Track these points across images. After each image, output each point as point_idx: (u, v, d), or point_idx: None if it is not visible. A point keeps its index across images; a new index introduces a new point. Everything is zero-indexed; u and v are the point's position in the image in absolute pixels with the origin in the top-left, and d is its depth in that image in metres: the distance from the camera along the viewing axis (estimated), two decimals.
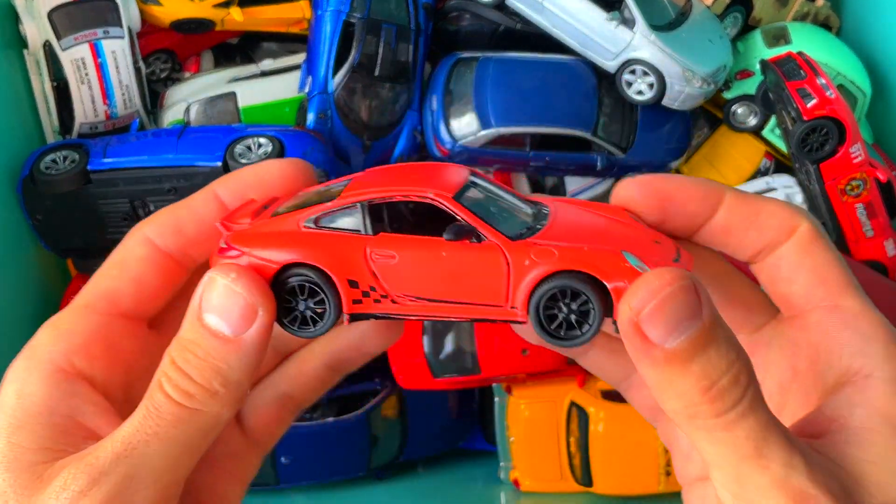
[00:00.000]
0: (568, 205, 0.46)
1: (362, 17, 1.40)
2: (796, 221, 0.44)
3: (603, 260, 0.40)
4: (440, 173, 0.45)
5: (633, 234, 0.43)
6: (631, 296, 0.37)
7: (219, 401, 0.41)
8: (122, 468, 0.39)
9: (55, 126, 1.40)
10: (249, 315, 0.41)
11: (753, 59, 1.48)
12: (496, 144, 1.44)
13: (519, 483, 1.38)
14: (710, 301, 0.37)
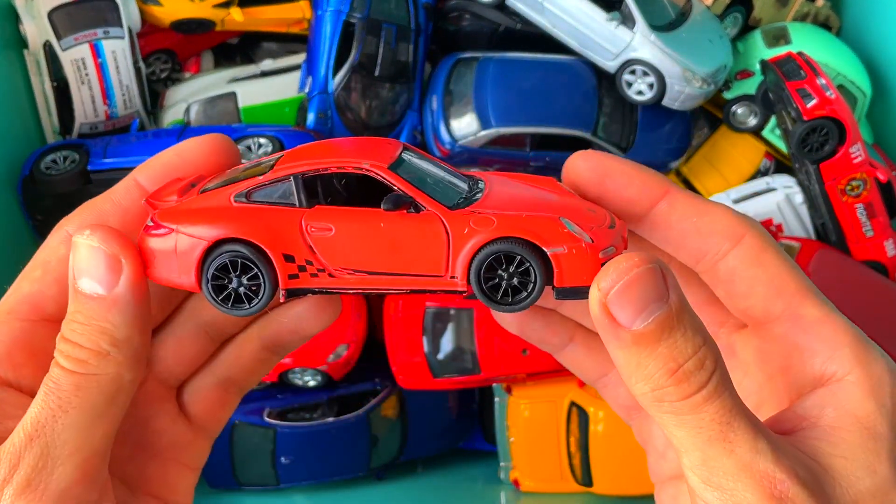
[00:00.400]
0: (501, 177, 0.46)
1: (362, 17, 1.40)
2: (742, 230, 0.43)
3: (541, 226, 0.40)
4: (373, 146, 0.44)
5: (568, 202, 0.43)
6: (600, 278, 0.38)
7: (112, 361, 0.40)
8: (35, 449, 0.39)
9: (55, 126, 1.40)
10: (114, 267, 0.40)
11: (753, 59, 1.48)
12: (496, 144, 1.44)
13: (519, 483, 1.38)
14: (678, 285, 0.38)
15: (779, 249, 0.44)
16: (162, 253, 0.42)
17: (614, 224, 0.42)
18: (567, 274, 0.40)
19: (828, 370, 0.41)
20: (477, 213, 0.41)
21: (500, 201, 0.42)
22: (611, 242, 0.41)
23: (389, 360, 1.39)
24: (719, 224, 0.43)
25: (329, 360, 1.38)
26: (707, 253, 0.44)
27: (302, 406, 1.41)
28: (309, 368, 1.38)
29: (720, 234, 0.43)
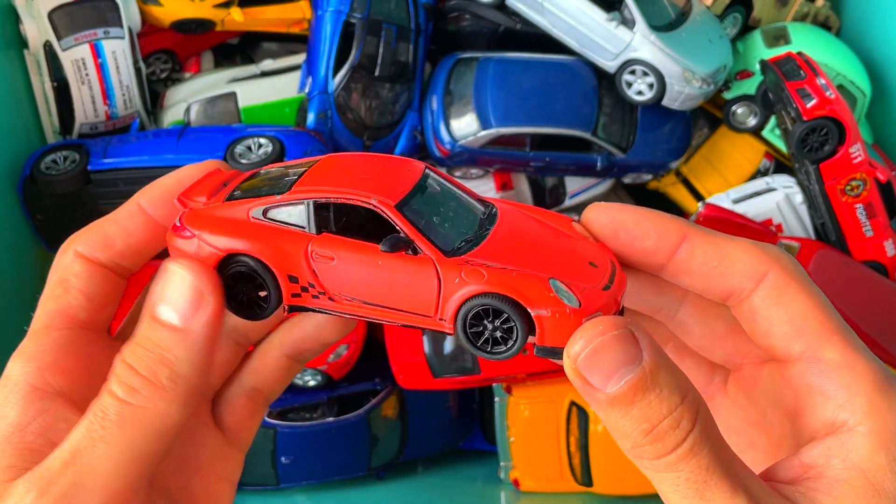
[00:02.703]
0: (516, 213, 0.46)
1: (362, 18, 1.40)
2: (763, 267, 0.42)
3: (529, 286, 0.41)
4: (394, 172, 0.45)
5: (571, 253, 0.43)
6: (570, 344, 0.39)
7: (165, 396, 0.40)
8: (68, 476, 0.39)
9: (55, 126, 1.40)
10: (197, 301, 0.41)
11: (753, 59, 1.49)
12: (496, 144, 1.44)
13: (519, 483, 1.38)
14: (653, 346, 0.38)
15: (805, 286, 0.42)
16: (185, 254, 0.44)
17: (610, 284, 0.43)
18: (548, 335, 0.41)
19: (839, 417, 0.40)
20: (470, 263, 0.42)
21: (499, 249, 0.43)
22: (599, 307, 0.41)
23: (389, 359, 1.39)
24: (741, 264, 0.42)
25: (329, 360, 1.38)
26: (732, 293, 0.43)
27: (302, 406, 1.41)
28: (309, 368, 1.38)
29: (742, 274, 0.42)
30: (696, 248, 0.43)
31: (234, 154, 1.28)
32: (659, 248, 0.43)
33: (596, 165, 1.47)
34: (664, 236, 0.43)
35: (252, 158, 1.28)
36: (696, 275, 0.43)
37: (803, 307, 0.42)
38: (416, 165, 0.46)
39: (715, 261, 0.43)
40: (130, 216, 0.48)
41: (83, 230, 0.48)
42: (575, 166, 1.49)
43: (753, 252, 0.43)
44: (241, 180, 0.47)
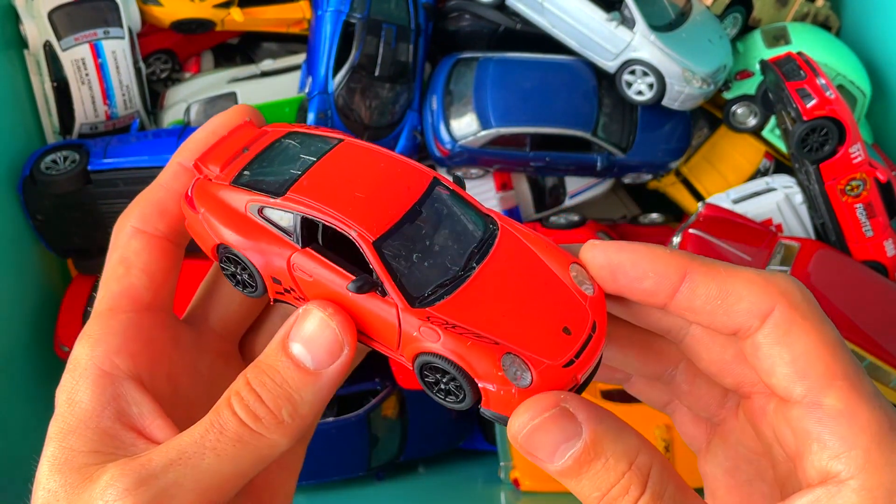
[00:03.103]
0: (514, 241, 0.45)
1: (362, 17, 1.40)
2: (769, 303, 0.41)
3: (480, 360, 0.40)
4: (394, 188, 0.44)
5: (546, 315, 0.42)
6: (510, 423, 0.39)
7: (282, 431, 0.41)
8: (171, 475, 0.40)
9: (55, 126, 1.40)
10: (336, 351, 0.42)
11: (753, 59, 1.49)
12: (496, 144, 1.44)
13: (519, 483, 1.38)
14: (594, 417, 0.38)
15: (813, 323, 0.41)
16: (193, 221, 0.47)
17: (576, 359, 0.42)
18: (493, 403, 0.41)
19: (833, 468, 0.38)
20: (430, 319, 0.41)
21: (469, 303, 0.42)
22: (553, 386, 0.41)
23: (389, 359, 1.38)
24: (745, 302, 0.41)
25: None
26: (738, 330, 0.42)
27: None
28: None
29: (747, 312, 0.41)
30: (698, 286, 0.42)
31: None
32: (659, 289, 0.42)
33: (596, 165, 1.47)
34: (663, 276, 0.42)
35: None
36: (700, 313, 0.42)
37: (808, 347, 0.40)
38: (422, 178, 0.45)
39: (718, 299, 0.41)
40: (175, 177, 0.48)
41: (133, 204, 0.49)
42: (575, 166, 1.49)
43: (758, 287, 0.41)
44: (259, 150, 0.47)
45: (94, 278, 1.40)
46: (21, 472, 1.27)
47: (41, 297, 1.39)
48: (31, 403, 1.31)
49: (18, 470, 1.20)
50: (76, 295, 1.38)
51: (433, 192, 0.45)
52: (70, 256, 1.41)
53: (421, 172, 0.46)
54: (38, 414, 1.32)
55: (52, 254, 1.40)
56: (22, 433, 1.26)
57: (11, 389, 1.26)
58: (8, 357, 1.26)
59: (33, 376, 1.33)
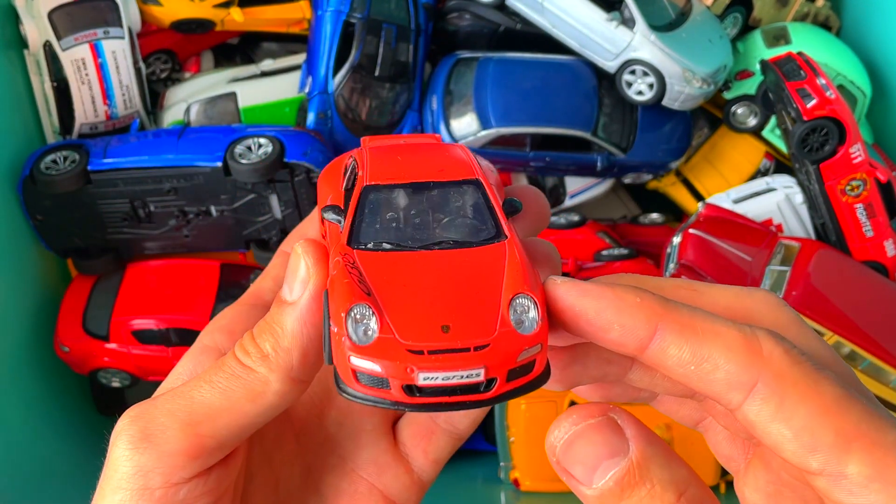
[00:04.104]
0: (499, 257, 0.41)
1: (362, 17, 1.40)
2: (752, 374, 0.35)
3: (338, 297, 0.38)
4: (432, 166, 0.44)
5: (442, 313, 0.38)
6: (553, 427, 0.35)
7: (267, 364, 0.42)
8: (167, 404, 0.42)
9: (55, 126, 1.40)
10: (307, 278, 0.42)
11: (753, 59, 1.49)
12: (496, 144, 1.44)
13: (519, 483, 1.38)
14: (642, 435, 0.34)
15: (808, 385, 0.34)
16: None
17: (422, 353, 0.37)
18: (333, 348, 0.39)
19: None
20: (344, 257, 0.41)
21: (386, 268, 0.41)
22: (382, 358, 0.37)
23: None
24: (721, 372, 0.35)
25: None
26: (720, 402, 0.36)
27: None
28: None
29: (726, 384, 0.35)
30: (670, 346, 0.36)
31: (234, 154, 1.28)
32: (625, 342, 0.37)
33: (596, 165, 1.47)
34: (630, 331, 0.37)
35: (252, 158, 1.27)
36: (673, 374, 0.37)
37: (810, 415, 0.34)
38: (462, 172, 0.44)
39: (691, 364, 0.36)
40: (312, 222, 0.54)
41: (290, 234, 0.57)
42: (575, 166, 1.49)
43: (736, 353, 0.35)
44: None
45: (93, 278, 1.40)
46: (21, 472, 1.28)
47: (41, 297, 1.39)
48: (31, 403, 1.31)
49: (19, 469, 1.20)
50: (76, 295, 1.38)
51: (460, 186, 0.44)
52: (70, 256, 1.41)
53: (467, 169, 0.45)
54: (38, 414, 1.32)
55: (52, 254, 1.40)
56: (22, 433, 1.26)
57: (11, 389, 1.26)
58: (8, 357, 1.26)
59: (33, 376, 1.33)
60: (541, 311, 0.38)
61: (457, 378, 0.37)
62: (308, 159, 1.28)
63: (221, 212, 1.34)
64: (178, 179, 1.29)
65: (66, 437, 1.36)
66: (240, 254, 1.45)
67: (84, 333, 1.34)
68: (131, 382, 1.40)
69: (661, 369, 0.37)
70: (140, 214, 1.33)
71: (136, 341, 1.33)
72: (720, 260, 1.31)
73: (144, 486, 0.41)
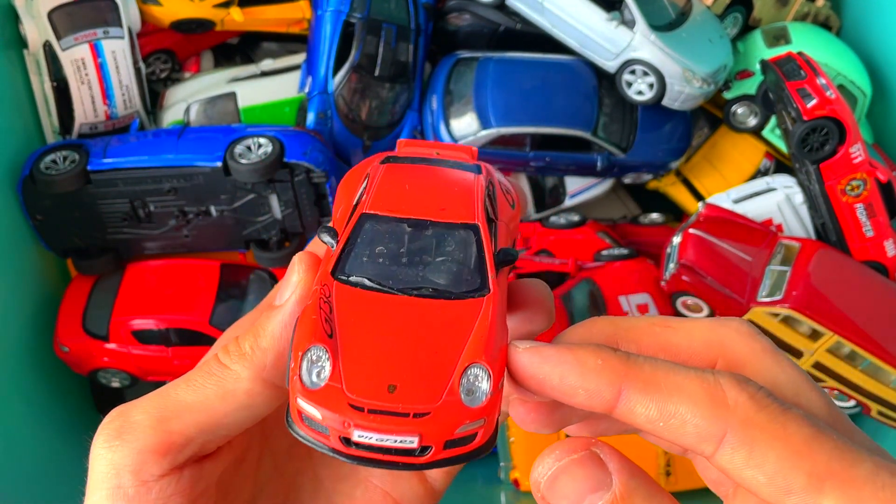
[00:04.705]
0: (471, 316, 0.40)
1: (362, 17, 1.40)
2: (718, 428, 0.35)
3: (299, 333, 0.39)
4: (435, 203, 0.43)
5: (393, 370, 0.38)
6: (537, 463, 0.36)
7: (244, 361, 0.42)
8: (145, 402, 0.42)
9: (55, 126, 1.40)
10: (294, 286, 0.43)
11: (753, 59, 1.48)
12: (496, 144, 1.44)
13: (519, 483, 1.38)
14: (626, 468, 0.35)
15: (777, 429, 0.35)
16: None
17: (363, 409, 0.38)
18: (289, 382, 0.39)
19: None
20: (322, 288, 0.41)
21: (360, 306, 0.41)
22: (325, 406, 0.38)
23: None
24: (689, 427, 0.36)
25: None
26: (693, 451, 0.37)
27: None
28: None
29: (695, 437, 0.36)
30: (636, 405, 0.37)
31: (234, 154, 1.28)
32: (592, 405, 0.37)
33: (596, 165, 1.47)
34: (595, 394, 0.37)
35: (252, 158, 1.27)
36: (645, 429, 0.38)
37: (781, 459, 0.35)
38: (463, 215, 0.43)
39: (660, 421, 0.36)
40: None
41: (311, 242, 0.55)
42: (575, 166, 1.49)
43: (702, 408, 0.36)
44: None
45: (93, 278, 1.40)
46: (21, 472, 1.28)
47: (41, 297, 1.39)
48: (31, 403, 1.31)
49: (19, 469, 1.20)
50: (76, 295, 1.38)
51: (458, 230, 0.43)
52: (70, 256, 1.41)
53: (469, 210, 0.43)
54: (38, 413, 1.32)
55: (52, 254, 1.40)
56: (22, 433, 1.26)
57: (11, 389, 1.26)
58: (8, 357, 1.26)
59: (33, 376, 1.33)
60: (493, 384, 0.37)
61: (390, 441, 0.37)
62: (308, 159, 1.28)
63: (221, 212, 1.34)
64: (178, 179, 1.29)
65: (66, 437, 1.36)
66: (240, 254, 1.45)
67: (84, 333, 1.34)
68: (131, 382, 1.39)
69: (633, 426, 0.38)
70: (140, 214, 1.33)
71: (136, 341, 1.33)
72: (720, 260, 1.31)
73: (118, 485, 0.41)
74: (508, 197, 0.48)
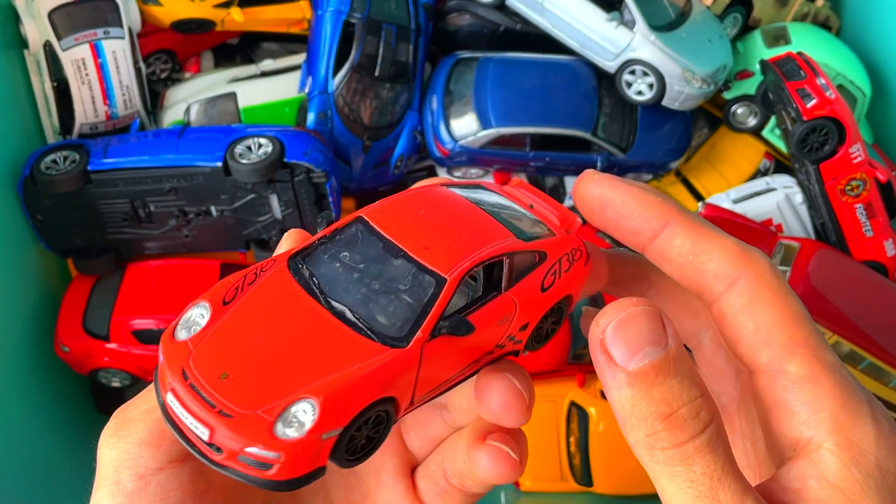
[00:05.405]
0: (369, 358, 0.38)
1: (362, 18, 1.40)
2: (737, 271, 0.41)
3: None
4: (430, 236, 0.42)
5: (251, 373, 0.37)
6: (601, 315, 0.38)
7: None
8: (139, 396, 0.43)
9: (55, 126, 1.40)
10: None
11: (753, 59, 1.49)
12: (496, 144, 1.44)
13: (519, 483, 1.38)
14: (678, 336, 0.38)
15: (778, 294, 0.41)
16: None
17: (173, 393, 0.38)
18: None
19: (804, 434, 0.39)
20: (261, 270, 0.42)
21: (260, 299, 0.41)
22: (167, 360, 0.38)
23: None
24: (714, 264, 0.42)
25: None
26: (704, 292, 0.42)
27: None
28: None
29: (714, 274, 0.42)
30: (676, 236, 0.43)
31: (234, 154, 1.28)
32: (641, 230, 0.43)
33: (596, 165, 1.47)
34: (647, 219, 0.43)
35: (252, 158, 1.27)
36: (673, 264, 0.43)
37: (772, 316, 0.40)
38: (441, 262, 0.40)
39: (690, 254, 0.42)
40: None
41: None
42: (575, 166, 1.49)
43: (730, 254, 0.41)
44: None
45: (93, 278, 1.40)
46: (21, 472, 1.27)
47: (41, 297, 1.39)
48: (31, 403, 1.31)
49: (19, 469, 1.20)
50: (76, 295, 1.38)
51: (423, 274, 0.40)
52: (70, 256, 1.41)
53: (451, 261, 0.41)
54: (38, 414, 1.32)
55: (52, 254, 1.40)
56: (22, 433, 1.26)
57: (11, 389, 1.26)
58: (8, 357, 1.26)
59: (33, 376, 1.33)
60: (314, 427, 0.35)
61: (188, 421, 0.36)
62: (308, 159, 1.28)
63: (221, 212, 1.34)
64: (178, 179, 1.29)
65: (66, 437, 1.36)
66: (240, 254, 1.45)
67: (84, 333, 1.34)
68: (131, 382, 1.40)
69: (664, 259, 0.43)
70: (140, 214, 1.33)
71: (136, 341, 1.33)
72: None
73: (117, 481, 0.41)
74: (559, 285, 0.45)
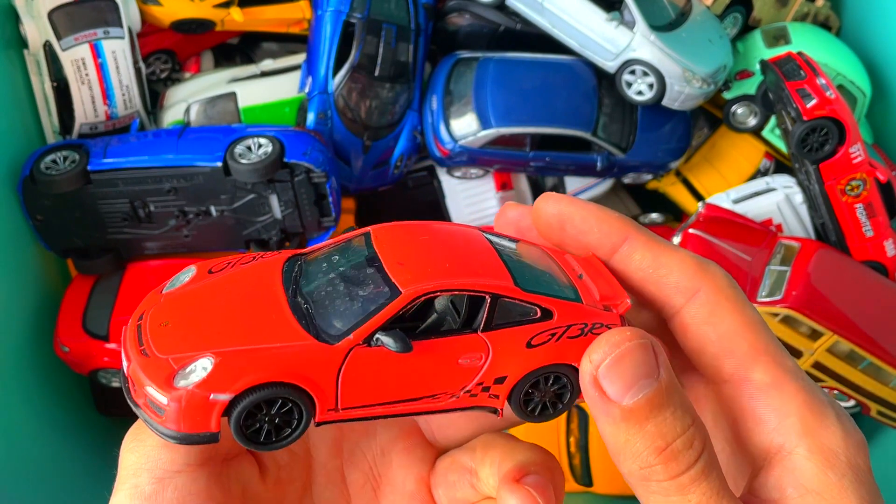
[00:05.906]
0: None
1: (362, 17, 1.40)
2: (696, 283, 0.42)
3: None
4: (424, 257, 0.43)
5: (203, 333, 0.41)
6: (592, 350, 0.39)
7: None
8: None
9: (55, 126, 1.40)
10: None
11: (753, 59, 1.49)
12: (496, 144, 1.44)
13: None
14: (668, 364, 0.38)
15: (737, 305, 0.42)
16: None
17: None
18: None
19: (774, 441, 0.39)
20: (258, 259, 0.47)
21: (233, 281, 0.46)
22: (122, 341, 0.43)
23: None
24: (673, 277, 0.42)
25: None
26: (664, 306, 0.43)
27: None
28: None
29: (675, 287, 0.42)
30: (635, 251, 0.44)
31: (234, 154, 1.28)
32: (601, 245, 0.44)
33: (596, 165, 1.47)
34: (606, 234, 0.44)
35: (252, 158, 1.27)
36: (633, 278, 0.44)
37: (733, 326, 0.41)
38: (417, 281, 0.41)
39: (650, 268, 0.43)
40: None
41: None
42: (575, 166, 1.49)
43: (688, 267, 0.42)
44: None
45: (93, 278, 1.40)
46: (21, 472, 1.27)
47: (41, 297, 1.39)
48: (31, 403, 1.31)
49: (19, 469, 1.20)
50: (76, 295, 1.38)
51: (384, 285, 0.41)
52: (70, 256, 1.41)
53: (415, 279, 0.41)
54: (38, 414, 1.32)
55: (52, 254, 1.40)
56: (22, 433, 1.26)
57: (11, 389, 1.26)
58: (8, 357, 1.26)
59: (33, 376, 1.33)
60: (206, 382, 0.38)
61: (123, 351, 0.42)
62: (308, 159, 1.28)
63: (221, 212, 1.34)
64: (178, 179, 1.29)
65: (66, 437, 1.36)
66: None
67: (84, 333, 1.34)
68: None
69: (625, 273, 0.44)
70: (140, 214, 1.33)
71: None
72: (720, 260, 1.31)
73: (135, 484, 0.41)
74: (553, 348, 0.43)
